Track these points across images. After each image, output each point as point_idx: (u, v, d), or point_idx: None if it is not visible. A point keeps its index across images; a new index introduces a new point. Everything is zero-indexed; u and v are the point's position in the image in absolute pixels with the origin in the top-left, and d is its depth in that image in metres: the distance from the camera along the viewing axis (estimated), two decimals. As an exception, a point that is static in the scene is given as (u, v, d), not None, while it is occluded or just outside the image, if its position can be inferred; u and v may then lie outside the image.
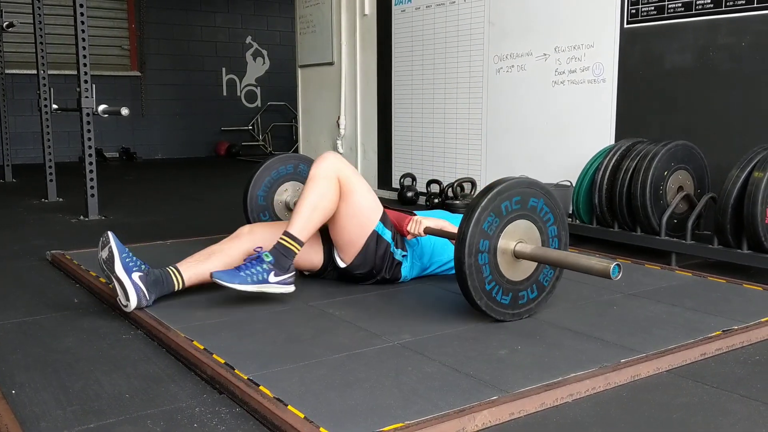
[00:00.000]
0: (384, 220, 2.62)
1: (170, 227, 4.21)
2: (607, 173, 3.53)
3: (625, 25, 3.88)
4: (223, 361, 1.88)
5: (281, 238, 2.42)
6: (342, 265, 2.66)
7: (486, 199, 2.20)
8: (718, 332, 2.16)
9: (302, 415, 1.56)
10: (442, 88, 5.12)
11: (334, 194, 2.48)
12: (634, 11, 3.83)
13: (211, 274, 2.33)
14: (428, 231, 2.60)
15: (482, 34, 4.76)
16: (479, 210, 2.19)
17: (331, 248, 2.68)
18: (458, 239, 2.19)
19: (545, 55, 4.33)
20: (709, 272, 2.98)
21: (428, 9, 5.17)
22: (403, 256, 2.71)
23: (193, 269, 2.49)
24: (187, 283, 2.47)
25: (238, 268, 2.36)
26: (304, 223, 2.43)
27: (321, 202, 2.45)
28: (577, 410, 1.67)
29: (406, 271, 2.73)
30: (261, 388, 1.71)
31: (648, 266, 3.07)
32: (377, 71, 5.74)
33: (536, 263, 2.33)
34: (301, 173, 3.35)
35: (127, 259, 2.37)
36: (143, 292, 2.33)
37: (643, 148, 3.46)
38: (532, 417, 1.64)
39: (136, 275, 2.34)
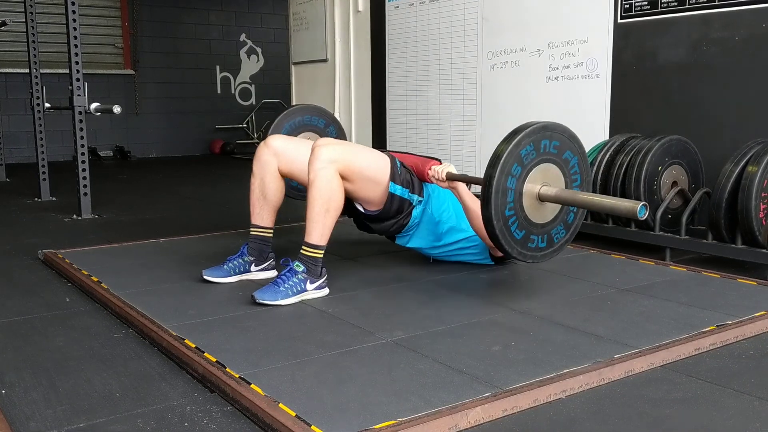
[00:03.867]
0: (393, 177, 2.63)
1: (164, 226, 4.19)
2: (602, 168, 3.53)
3: (619, 20, 3.87)
4: (214, 360, 1.87)
5: (304, 249, 2.46)
6: (364, 211, 2.70)
7: (530, 128, 2.20)
8: (712, 327, 2.15)
9: (294, 413, 1.56)
10: (436, 84, 5.11)
11: (339, 189, 2.47)
12: (627, 6, 3.82)
13: (254, 297, 2.39)
14: (450, 176, 2.61)
15: (476, 30, 4.75)
16: (521, 135, 2.18)
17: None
18: (495, 154, 2.18)
19: (539, 50, 4.31)
20: (703, 267, 2.98)
21: (422, 5, 5.16)
22: (419, 201, 2.73)
23: (265, 215, 2.74)
24: (271, 225, 2.77)
25: (275, 284, 2.43)
26: (321, 230, 2.45)
27: (331, 204, 2.45)
28: (570, 406, 1.66)
29: (417, 212, 2.74)
30: (252, 386, 1.70)
31: (642, 261, 3.06)
32: (371, 68, 5.72)
33: (554, 215, 2.33)
34: (314, 123, 3.33)
35: (231, 269, 2.68)
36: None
37: (637, 144, 3.46)
38: (525, 413, 1.63)
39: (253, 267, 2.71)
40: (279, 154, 2.72)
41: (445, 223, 2.83)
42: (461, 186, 2.66)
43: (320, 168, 2.44)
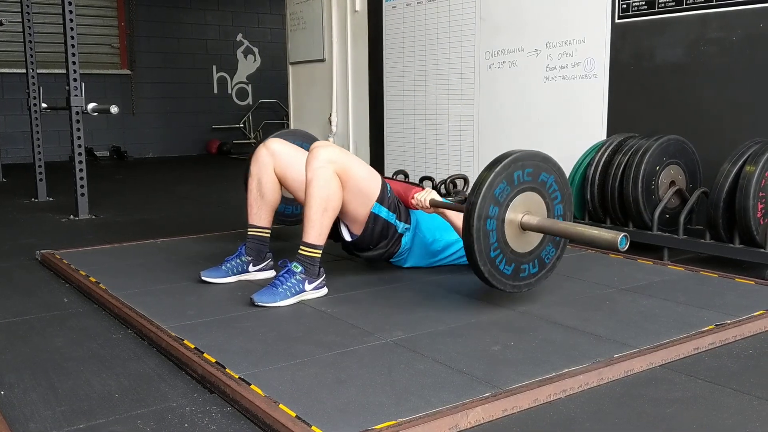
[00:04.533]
0: (382, 198, 2.62)
1: (161, 226, 4.19)
2: (599, 168, 3.53)
3: (617, 20, 3.87)
4: (213, 360, 1.87)
5: (302, 249, 2.46)
6: (348, 238, 2.69)
7: (500, 166, 2.21)
8: (710, 326, 2.15)
9: (294, 414, 1.55)
10: (434, 84, 5.11)
11: (337, 190, 2.47)
12: (625, 6, 3.82)
13: (253, 300, 2.38)
14: (434, 203, 2.60)
15: (473, 30, 4.75)
16: (492, 176, 2.19)
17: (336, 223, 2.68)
18: (469, 202, 2.20)
19: (536, 50, 4.32)
20: (701, 267, 2.98)
21: (419, 5, 5.16)
22: (406, 228, 2.72)
23: (262, 214, 2.75)
24: (269, 225, 2.77)
25: (274, 285, 2.42)
26: (318, 229, 2.44)
27: (329, 204, 2.44)
28: (570, 406, 1.66)
29: (406, 240, 2.73)
30: (252, 386, 1.70)
31: (640, 261, 3.06)
32: (368, 68, 5.72)
33: (540, 238, 2.34)
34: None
35: (229, 270, 2.68)
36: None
37: (634, 143, 3.46)
38: (525, 413, 1.63)
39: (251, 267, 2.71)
40: (276, 156, 2.73)
41: (439, 241, 2.85)
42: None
43: (319, 167, 2.43)
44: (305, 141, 3.19)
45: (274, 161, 2.73)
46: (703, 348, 2.03)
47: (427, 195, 2.64)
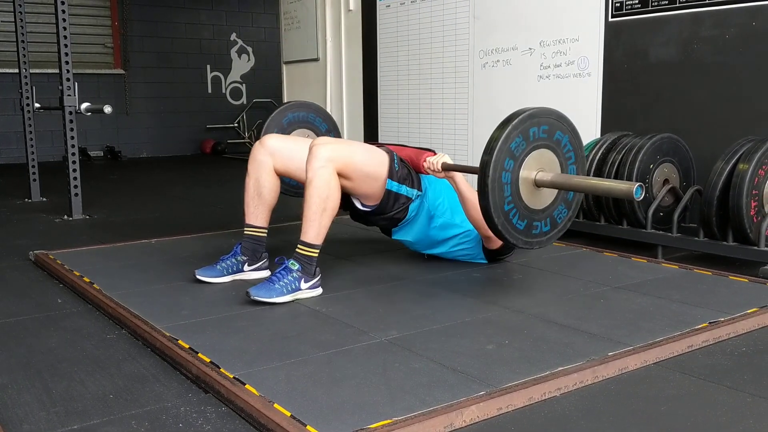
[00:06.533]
0: (391, 174, 2.64)
1: (155, 226, 4.18)
2: (593, 167, 3.53)
3: (610, 19, 3.88)
4: (208, 360, 1.87)
5: (299, 248, 2.46)
6: (363, 209, 2.71)
7: (517, 120, 2.21)
8: (704, 324, 2.16)
9: (289, 413, 1.55)
10: (428, 83, 5.11)
11: (336, 189, 2.47)
12: (618, 4, 3.83)
13: (249, 294, 2.38)
14: (446, 166, 2.61)
15: (467, 29, 4.75)
16: (509, 128, 2.19)
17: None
18: (485, 154, 2.19)
19: (530, 49, 4.32)
20: (695, 264, 2.99)
21: (413, 4, 5.16)
22: (418, 195, 2.74)
23: (260, 214, 2.73)
24: (266, 225, 2.76)
25: (271, 281, 2.42)
26: (317, 229, 2.45)
27: (328, 203, 2.45)
28: (565, 404, 1.67)
29: (413, 206, 2.75)
30: (247, 386, 1.70)
31: (634, 259, 3.07)
32: (363, 67, 5.71)
33: (553, 197, 2.34)
34: (312, 121, 3.29)
35: (224, 269, 2.67)
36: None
37: (628, 142, 3.47)
38: (520, 411, 1.63)
39: (246, 267, 2.71)
40: (275, 153, 2.72)
41: (439, 218, 2.84)
42: (458, 176, 2.67)
43: (319, 167, 2.44)
44: (310, 111, 3.24)
45: (273, 159, 2.72)
46: (697, 345, 2.04)
47: (439, 158, 2.66)
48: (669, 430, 1.54)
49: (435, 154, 2.70)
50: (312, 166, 2.45)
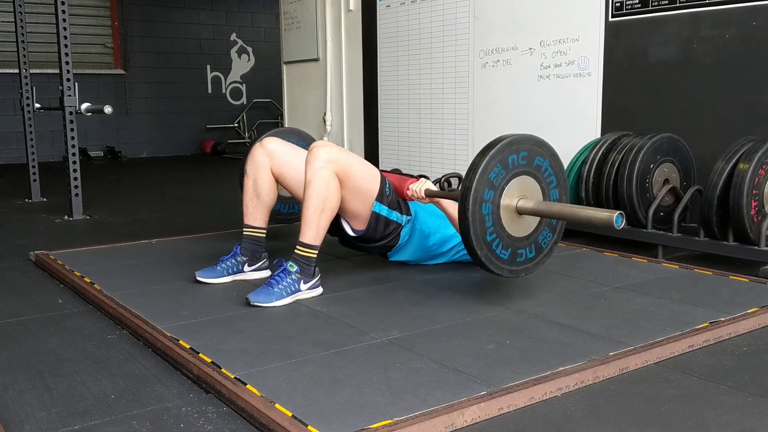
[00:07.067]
0: (381, 196, 2.62)
1: (156, 226, 4.18)
2: (594, 167, 3.54)
3: (610, 19, 3.88)
4: (209, 360, 1.87)
5: (298, 249, 2.45)
6: (352, 233, 2.69)
7: (494, 150, 2.20)
8: (705, 324, 2.16)
9: (290, 414, 1.55)
10: (428, 83, 5.11)
11: (336, 190, 2.47)
12: (618, 4, 3.83)
13: (249, 300, 2.37)
14: (429, 193, 2.61)
15: (467, 29, 4.75)
16: (487, 159, 2.19)
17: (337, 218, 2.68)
18: (464, 186, 2.20)
19: (531, 49, 4.32)
20: (695, 264, 2.99)
21: (413, 4, 5.16)
22: (407, 220, 2.73)
23: (258, 215, 2.74)
24: (264, 225, 2.76)
25: (269, 285, 2.41)
26: (315, 230, 2.44)
27: (327, 204, 2.44)
28: (566, 404, 1.67)
29: (405, 232, 2.74)
30: (248, 386, 1.70)
31: (635, 259, 3.07)
32: (363, 67, 5.71)
33: (536, 223, 2.34)
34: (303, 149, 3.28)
35: (225, 270, 2.67)
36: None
37: (629, 141, 3.47)
38: (521, 411, 1.63)
39: (246, 268, 2.71)
40: (273, 155, 2.72)
41: (434, 234, 2.84)
42: (442, 199, 2.67)
43: (318, 168, 2.43)
44: (300, 139, 3.19)
45: (271, 161, 2.72)
46: (697, 345, 2.04)
47: (421, 185, 2.65)
48: (670, 429, 1.54)
49: (417, 180, 2.69)
50: (311, 166, 2.44)
